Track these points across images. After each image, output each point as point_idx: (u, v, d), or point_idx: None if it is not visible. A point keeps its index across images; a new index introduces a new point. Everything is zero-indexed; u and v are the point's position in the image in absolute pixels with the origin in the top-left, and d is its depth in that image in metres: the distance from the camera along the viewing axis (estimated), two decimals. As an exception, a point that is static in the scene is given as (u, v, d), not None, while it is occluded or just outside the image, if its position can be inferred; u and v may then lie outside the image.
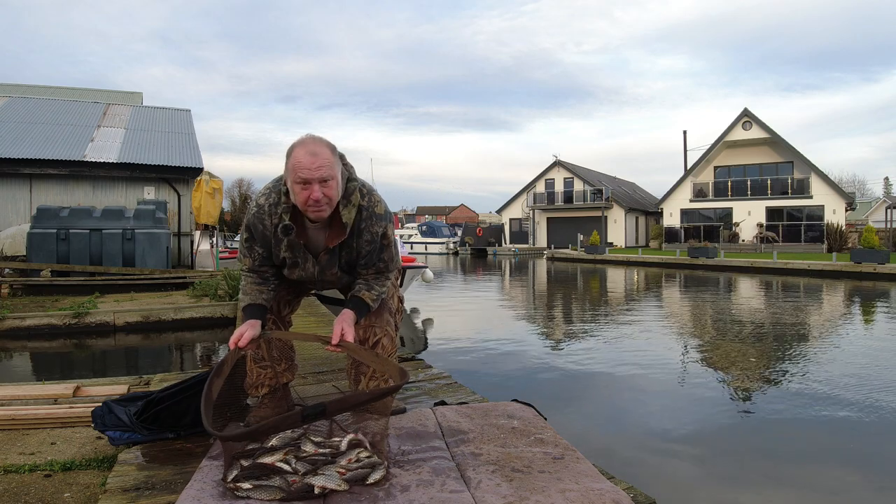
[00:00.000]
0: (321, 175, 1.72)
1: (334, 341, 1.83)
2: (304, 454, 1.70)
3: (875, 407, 4.42)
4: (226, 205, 51.16)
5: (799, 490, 3.14)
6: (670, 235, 30.86)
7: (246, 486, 1.55)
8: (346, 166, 1.90)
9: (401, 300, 2.36)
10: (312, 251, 1.97)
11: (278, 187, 1.89)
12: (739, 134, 29.82)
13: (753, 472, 3.32)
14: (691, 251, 23.07)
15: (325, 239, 1.93)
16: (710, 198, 30.58)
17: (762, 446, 3.73)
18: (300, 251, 1.96)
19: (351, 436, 1.78)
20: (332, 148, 1.81)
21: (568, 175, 37.07)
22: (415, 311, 10.31)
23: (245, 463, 1.66)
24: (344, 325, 1.86)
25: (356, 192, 1.88)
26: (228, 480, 1.58)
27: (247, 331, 1.86)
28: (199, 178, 15.29)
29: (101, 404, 2.19)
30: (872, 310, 10.64)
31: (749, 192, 29.23)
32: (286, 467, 1.62)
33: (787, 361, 6.11)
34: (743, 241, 28.73)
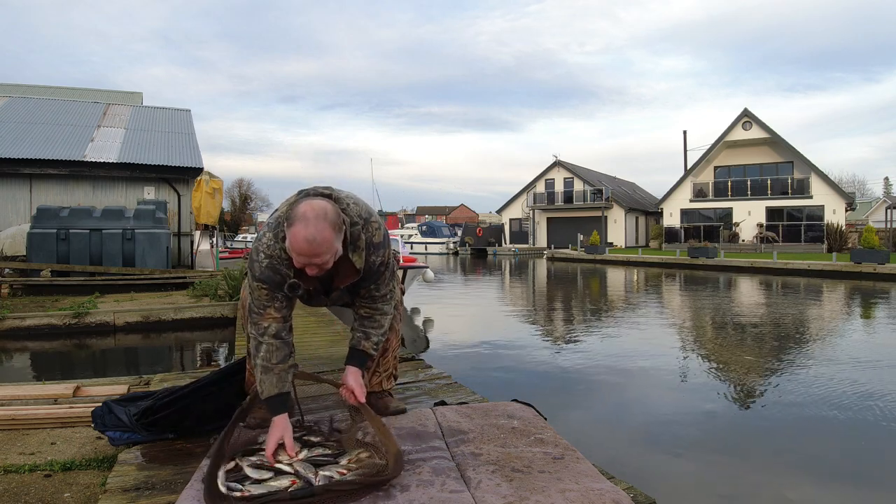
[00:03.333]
0: (316, 262, 1.66)
1: (352, 402, 1.88)
2: (305, 455, 1.70)
3: (876, 406, 4.42)
4: (226, 205, 51.20)
5: (799, 489, 3.13)
6: (670, 235, 30.85)
7: (246, 487, 1.55)
8: (345, 210, 1.78)
9: (402, 290, 2.37)
10: (324, 292, 1.96)
11: (280, 236, 1.77)
12: (739, 134, 29.81)
13: (754, 471, 3.32)
14: (691, 251, 23.06)
15: (334, 279, 1.90)
16: (710, 198, 30.57)
17: (762, 446, 3.73)
18: (311, 292, 1.95)
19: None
20: (334, 222, 1.67)
21: (568, 175, 37.06)
22: (415, 311, 10.31)
23: (245, 463, 1.66)
24: (355, 386, 1.87)
25: (361, 234, 1.82)
26: (227, 482, 1.57)
27: (285, 438, 1.73)
28: (199, 178, 15.29)
29: (101, 404, 2.19)
30: (872, 310, 10.63)
31: (749, 192, 29.22)
32: (286, 468, 1.62)
33: (788, 361, 6.11)
34: (743, 241, 28.72)
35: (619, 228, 34.49)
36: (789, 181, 28.43)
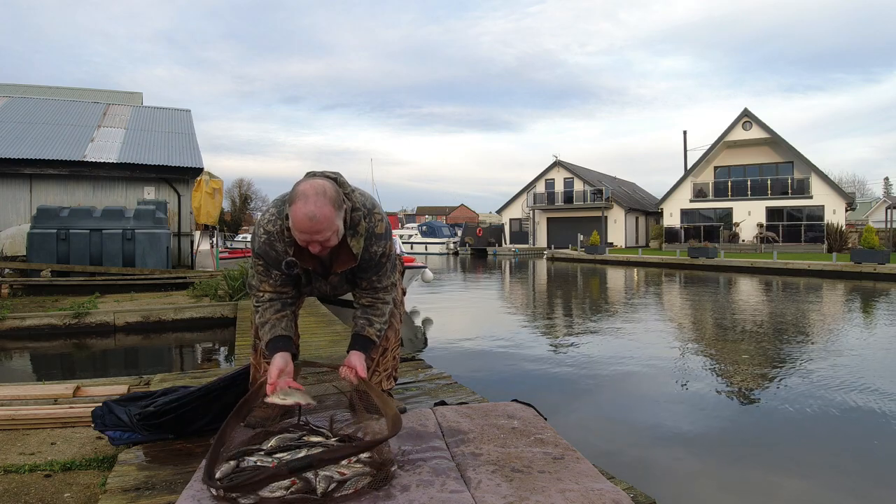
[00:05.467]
0: (318, 239, 1.70)
1: (352, 377, 1.91)
2: (305, 455, 1.70)
3: (875, 406, 4.42)
4: (226, 205, 51.26)
5: (799, 489, 3.13)
6: (670, 235, 30.86)
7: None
8: (349, 196, 1.83)
9: (403, 292, 2.39)
10: (322, 274, 1.99)
11: (283, 213, 1.83)
12: (739, 134, 29.82)
13: (754, 471, 3.32)
14: (691, 251, 23.07)
15: (333, 263, 1.93)
16: (710, 198, 30.58)
17: (762, 446, 3.73)
18: (311, 275, 1.99)
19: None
20: (333, 199, 1.71)
21: (568, 175, 37.06)
22: (415, 311, 10.31)
23: (244, 464, 1.66)
24: (358, 364, 1.92)
25: (362, 220, 1.86)
26: (224, 483, 1.57)
27: (280, 372, 1.81)
28: (199, 178, 15.30)
29: (101, 404, 2.19)
30: (872, 309, 10.63)
31: (749, 193, 29.23)
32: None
33: (787, 361, 6.11)
34: (743, 241, 28.73)
35: (619, 228, 34.49)
36: (789, 181, 28.45)
